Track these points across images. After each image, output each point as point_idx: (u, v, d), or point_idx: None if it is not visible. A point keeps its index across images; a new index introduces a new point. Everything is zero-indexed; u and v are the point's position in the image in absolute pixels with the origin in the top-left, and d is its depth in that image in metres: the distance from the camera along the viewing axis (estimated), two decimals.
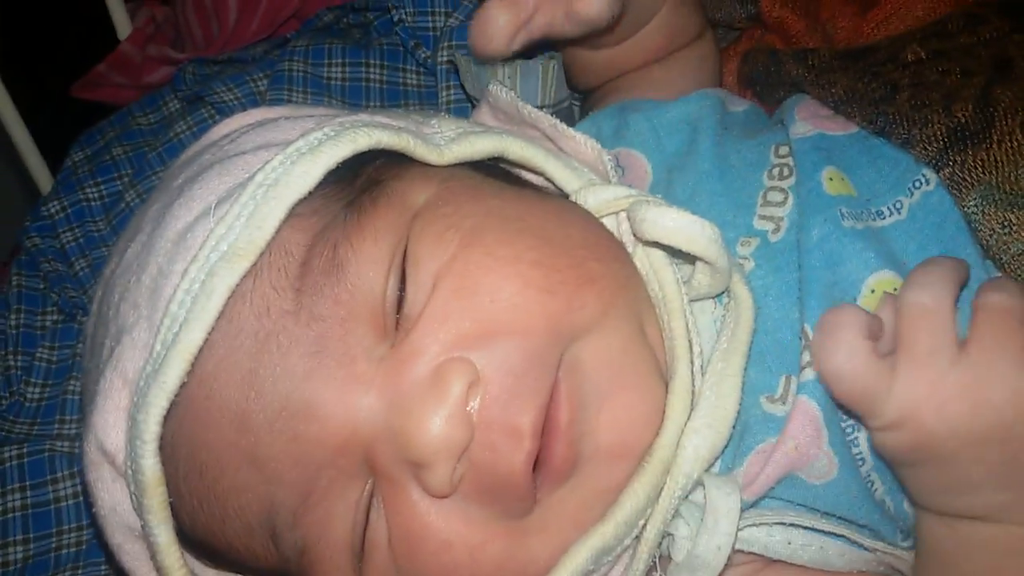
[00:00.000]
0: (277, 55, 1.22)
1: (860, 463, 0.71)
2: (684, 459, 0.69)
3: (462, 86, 0.99)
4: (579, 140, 0.83)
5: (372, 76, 1.18)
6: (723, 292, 0.76)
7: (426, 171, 0.76)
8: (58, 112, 1.45)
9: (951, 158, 0.74)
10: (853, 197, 0.78)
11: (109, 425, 0.69)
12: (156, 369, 0.65)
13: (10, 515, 1.02)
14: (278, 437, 0.66)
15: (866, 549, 0.72)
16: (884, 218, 0.77)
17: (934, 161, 0.75)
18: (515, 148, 0.80)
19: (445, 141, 0.78)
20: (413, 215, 0.71)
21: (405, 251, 0.69)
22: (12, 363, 1.13)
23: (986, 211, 0.72)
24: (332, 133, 0.70)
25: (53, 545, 1.00)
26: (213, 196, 0.71)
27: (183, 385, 0.64)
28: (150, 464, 0.65)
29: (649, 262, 0.76)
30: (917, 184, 0.77)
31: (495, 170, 0.82)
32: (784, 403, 0.73)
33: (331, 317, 0.67)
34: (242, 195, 0.67)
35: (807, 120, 0.85)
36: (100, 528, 0.74)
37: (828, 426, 0.71)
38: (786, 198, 0.80)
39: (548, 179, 0.82)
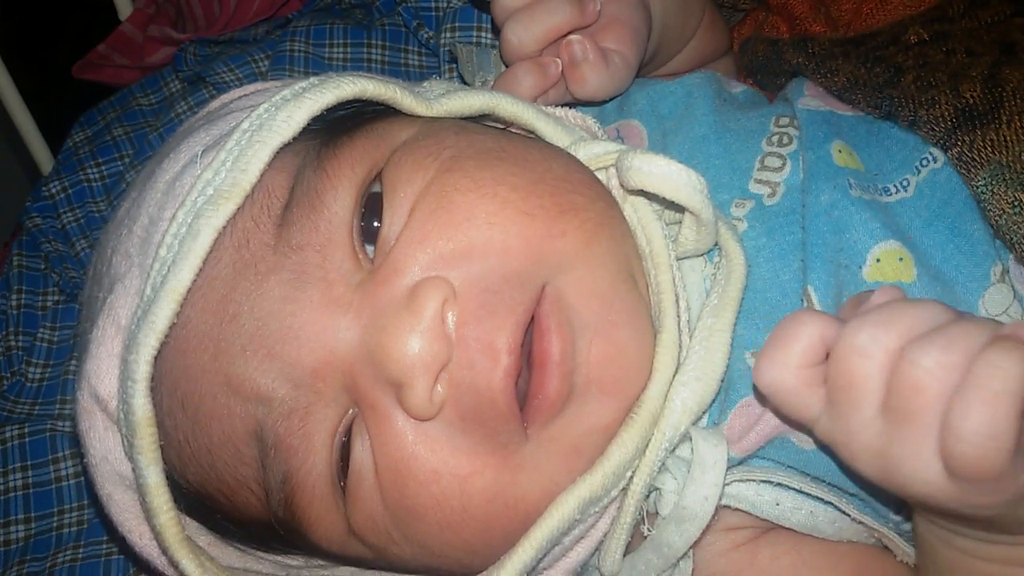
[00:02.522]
0: (279, 35, 1.22)
1: None
2: (672, 411, 0.69)
3: (460, 75, 0.99)
4: (565, 113, 0.85)
5: (374, 56, 1.18)
6: (714, 250, 0.76)
7: (412, 118, 0.77)
8: (59, 93, 1.44)
9: (960, 138, 0.74)
10: (860, 171, 0.78)
11: (102, 371, 0.70)
12: (146, 311, 0.65)
13: (11, 494, 1.02)
14: (252, 356, 0.66)
15: (855, 521, 0.72)
16: (890, 195, 0.77)
17: (942, 141, 0.75)
18: (506, 105, 0.80)
19: (435, 96, 0.78)
20: (392, 149, 0.72)
21: (381, 177, 0.70)
22: (13, 343, 1.13)
23: (996, 191, 0.72)
24: (317, 82, 0.71)
25: (54, 524, 1.01)
26: (200, 147, 0.72)
27: (173, 325, 0.65)
28: (140, 404, 0.64)
29: (637, 217, 0.76)
30: (924, 162, 0.77)
31: (484, 126, 0.83)
32: None
33: (309, 245, 0.68)
34: (228, 142, 0.68)
35: (817, 97, 0.85)
36: (91, 478, 0.74)
37: None
38: (784, 164, 0.80)
39: (539, 137, 0.82)
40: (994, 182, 0.72)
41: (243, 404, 0.67)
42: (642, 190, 0.74)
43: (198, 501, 0.74)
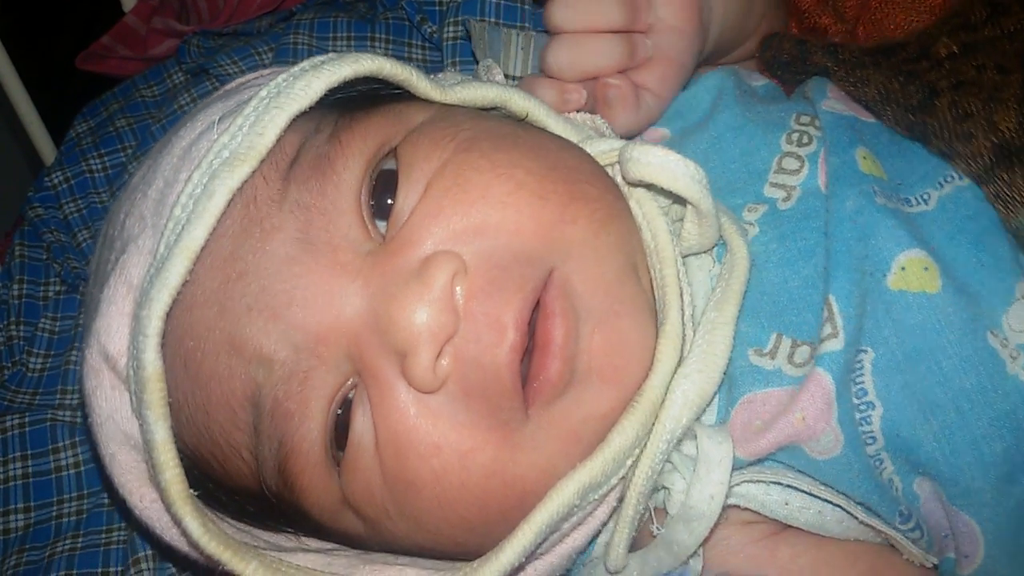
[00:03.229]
0: (282, 28, 1.22)
1: (870, 442, 0.71)
2: (673, 402, 0.69)
3: (473, 54, 0.99)
4: (575, 112, 0.85)
5: (377, 50, 1.18)
6: (723, 251, 0.76)
7: (427, 103, 0.77)
8: (62, 83, 1.44)
9: (997, 175, 0.73)
10: (884, 180, 0.77)
11: (113, 329, 0.70)
12: (159, 268, 0.65)
13: (11, 483, 1.02)
14: (257, 317, 0.67)
15: (861, 523, 0.72)
16: (911, 206, 0.76)
17: (979, 177, 0.74)
18: (517, 100, 0.80)
19: (449, 84, 0.79)
20: (408, 130, 0.73)
21: (397, 154, 0.71)
22: (15, 333, 1.13)
23: None
24: (336, 57, 0.71)
25: (54, 514, 1.01)
26: (218, 114, 0.74)
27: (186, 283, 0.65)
28: (151, 358, 0.65)
29: (642, 212, 0.77)
30: (948, 179, 0.76)
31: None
32: (773, 358, 0.73)
33: (314, 207, 0.68)
34: (246, 108, 0.69)
35: (841, 100, 0.84)
36: (94, 439, 0.74)
37: (839, 402, 0.70)
38: (801, 166, 0.79)
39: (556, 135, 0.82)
40: None
41: (244, 365, 0.68)
42: (645, 186, 0.74)
43: (193, 467, 0.73)
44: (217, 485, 0.75)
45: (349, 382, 0.69)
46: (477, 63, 0.96)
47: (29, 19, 1.59)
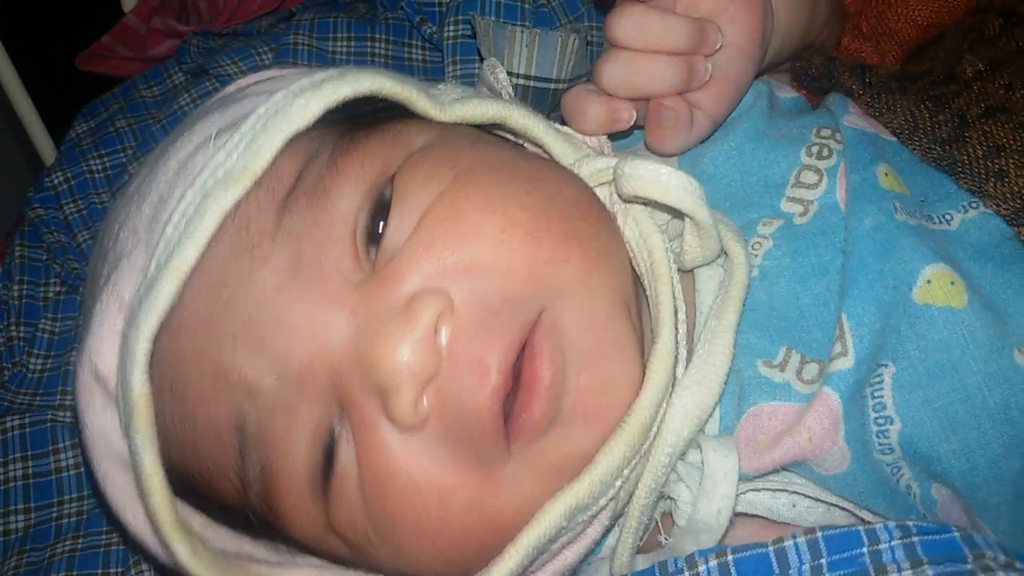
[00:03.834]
0: (282, 29, 1.22)
1: (887, 452, 0.69)
2: (673, 416, 0.69)
3: (474, 53, 0.99)
4: (571, 132, 0.83)
5: (377, 51, 1.18)
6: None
7: (427, 122, 0.76)
8: (62, 84, 1.44)
9: None
10: (907, 196, 0.76)
11: (104, 348, 0.70)
12: (148, 288, 0.65)
13: (11, 484, 1.01)
14: (242, 345, 0.66)
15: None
16: (934, 223, 0.75)
17: (1010, 219, 0.72)
18: (517, 117, 0.79)
19: (449, 101, 0.78)
20: (406, 155, 0.72)
21: (394, 182, 0.70)
22: (15, 334, 1.13)
23: None
24: (336, 74, 0.70)
25: (54, 515, 1.00)
26: (215, 128, 0.72)
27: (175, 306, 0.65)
28: (139, 382, 0.64)
29: (639, 229, 0.76)
30: (974, 204, 0.74)
31: (496, 136, 0.82)
32: (783, 371, 0.72)
33: (307, 237, 0.68)
34: (243, 125, 0.68)
35: (863, 117, 0.82)
36: (88, 456, 0.74)
37: (846, 420, 0.69)
38: (820, 180, 0.78)
39: (547, 152, 0.82)
40: None
41: (230, 392, 0.67)
42: (642, 202, 0.74)
43: (183, 482, 0.73)
44: (209, 501, 0.75)
45: (333, 412, 0.68)
46: (481, 60, 0.96)
47: (29, 19, 1.59)
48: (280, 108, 0.68)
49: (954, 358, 0.68)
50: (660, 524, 0.72)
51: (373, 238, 0.69)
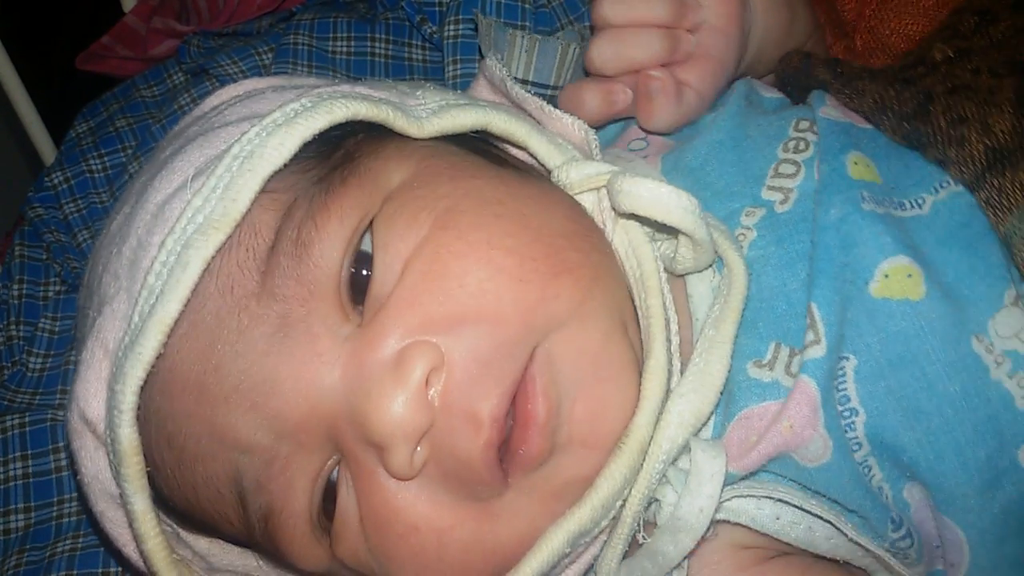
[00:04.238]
0: (282, 28, 1.22)
1: (856, 448, 0.71)
2: (668, 423, 0.69)
3: (474, 52, 0.99)
4: (567, 121, 0.83)
5: (377, 51, 1.18)
6: (721, 261, 0.76)
7: (404, 148, 0.75)
8: (62, 84, 1.44)
9: (989, 181, 0.73)
10: (877, 184, 0.77)
11: (90, 394, 0.70)
12: (133, 340, 0.65)
13: (12, 484, 1.02)
14: (235, 408, 0.67)
15: (851, 540, 0.71)
16: (905, 210, 0.76)
17: (971, 184, 0.74)
18: (498, 122, 0.79)
19: (427, 113, 0.77)
20: (385, 196, 0.71)
21: (373, 231, 0.69)
22: (15, 333, 1.13)
23: None
24: (309, 104, 0.69)
25: (54, 514, 1.01)
26: (192, 168, 0.71)
27: (160, 356, 0.65)
28: (127, 433, 0.65)
29: (628, 239, 0.76)
30: (944, 184, 0.76)
31: (478, 146, 0.82)
32: (772, 369, 0.72)
33: (293, 297, 0.67)
34: (218, 167, 0.67)
35: (837, 108, 0.84)
36: (84, 495, 0.75)
37: (824, 408, 0.70)
38: (798, 171, 0.79)
39: (532, 155, 0.81)
40: (1023, 226, 0.71)
41: (224, 451, 0.68)
42: (634, 214, 0.73)
43: (189, 521, 0.76)
44: (211, 533, 0.77)
45: (331, 460, 0.69)
46: (481, 57, 0.96)
47: (29, 19, 1.59)
48: (255, 148, 0.67)
49: (913, 349, 0.70)
50: (642, 526, 0.72)
51: (358, 287, 0.69)
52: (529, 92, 0.85)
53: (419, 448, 0.65)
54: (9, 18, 1.54)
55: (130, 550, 0.73)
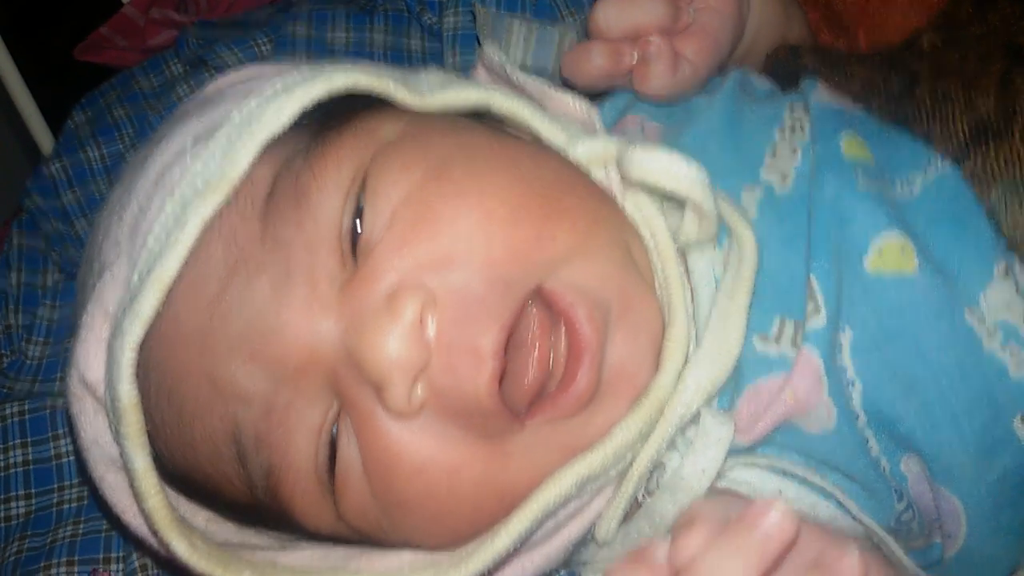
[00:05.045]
0: (281, 19, 1.22)
1: (855, 419, 0.72)
2: (684, 390, 0.70)
3: (474, 42, 0.99)
4: (568, 101, 0.84)
5: (376, 40, 1.18)
6: (723, 236, 0.77)
7: (400, 112, 0.76)
8: (61, 74, 1.44)
9: (972, 154, 0.74)
10: (870, 164, 0.78)
11: (90, 356, 0.70)
12: (132, 299, 0.66)
13: (12, 471, 1.02)
14: (237, 356, 0.67)
15: (853, 518, 0.72)
16: (896, 189, 0.77)
17: (956, 157, 0.75)
18: (500, 101, 0.80)
19: (429, 89, 0.78)
20: (379, 146, 0.72)
21: (365, 179, 0.70)
22: (13, 321, 1.13)
23: (1009, 205, 0.72)
24: (309, 75, 0.71)
25: (55, 500, 1.01)
26: (191, 136, 0.72)
27: (161, 313, 0.66)
28: (126, 390, 0.65)
29: (640, 212, 0.77)
30: (932, 163, 0.77)
31: (479, 123, 0.82)
32: (778, 343, 0.73)
33: (295, 242, 0.68)
34: (218, 133, 0.69)
35: (829, 94, 0.85)
36: (83, 461, 0.75)
37: (828, 375, 0.71)
38: (795, 153, 0.80)
39: (535, 136, 0.81)
40: (1007, 198, 0.72)
41: (224, 404, 0.68)
42: (643, 185, 0.74)
43: (188, 483, 0.75)
44: (215, 499, 0.76)
45: (333, 410, 0.69)
46: (480, 47, 0.96)
47: (27, 10, 1.58)
48: (254, 115, 0.68)
49: (907, 321, 0.71)
50: (644, 491, 0.73)
51: (347, 237, 0.69)
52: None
53: (418, 386, 0.66)
54: (7, 8, 1.54)
55: (130, 516, 0.73)
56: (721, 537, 0.56)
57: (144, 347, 0.66)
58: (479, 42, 1.01)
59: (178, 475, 0.74)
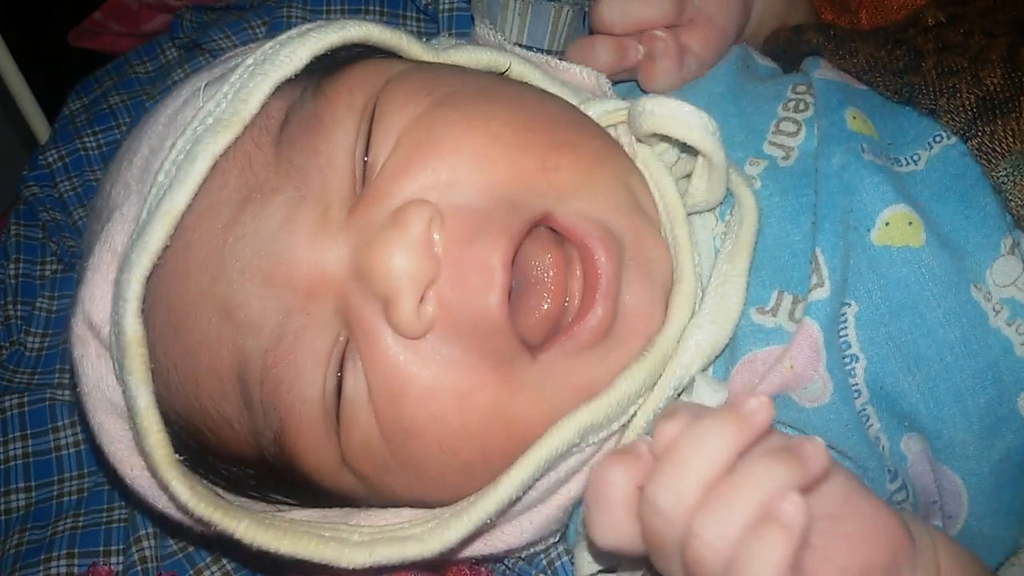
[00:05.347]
0: (275, 2, 1.20)
1: (856, 395, 0.71)
2: (685, 351, 0.70)
3: (469, 21, 0.98)
4: (575, 71, 0.84)
5: (371, 22, 1.16)
6: (725, 209, 0.77)
7: (413, 61, 0.77)
8: (55, 61, 1.43)
9: (980, 128, 0.73)
10: (874, 139, 0.77)
11: (97, 297, 0.70)
12: (140, 232, 0.66)
13: (12, 463, 1.02)
14: (249, 280, 0.67)
15: None
16: (901, 166, 0.76)
17: (962, 131, 0.74)
18: (515, 64, 0.80)
19: (443, 48, 0.79)
20: (390, 76, 0.72)
21: (375, 106, 0.70)
22: (12, 312, 1.13)
23: (1017, 180, 0.71)
24: (324, 24, 0.72)
25: (55, 493, 1.01)
26: (203, 82, 0.73)
27: (167, 248, 0.65)
28: (131, 323, 0.65)
29: (648, 172, 0.77)
30: (937, 138, 0.76)
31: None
32: (775, 316, 0.73)
33: (309, 166, 0.68)
34: (231, 76, 0.69)
35: (832, 69, 0.85)
36: (83, 408, 0.74)
37: (827, 349, 0.71)
38: (799, 129, 0.79)
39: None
40: (1015, 172, 0.71)
41: (233, 332, 0.68)
42: (650, 142, 0.75)
43: (187, 436, 0.73)
44: (212, 455, 0.75)
45: (341, 339, 0.68)
46: (475, 26, 0.95)
47: None
48: (268, 56, 0.69)
49: (914, 295, 0.71)
50: None
51: (361, 161, 0.70)
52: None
53: (427, 302, 0.65)
54: None
55: (126, 467, 0.73)
56: (699, 420, 0.57)
57: (152, 281, 0.66)
58: (474, 21, 1.00)
59: (179, 424, 0.73)
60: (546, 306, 0.69)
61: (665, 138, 0.74)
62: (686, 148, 0.75)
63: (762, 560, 0.52)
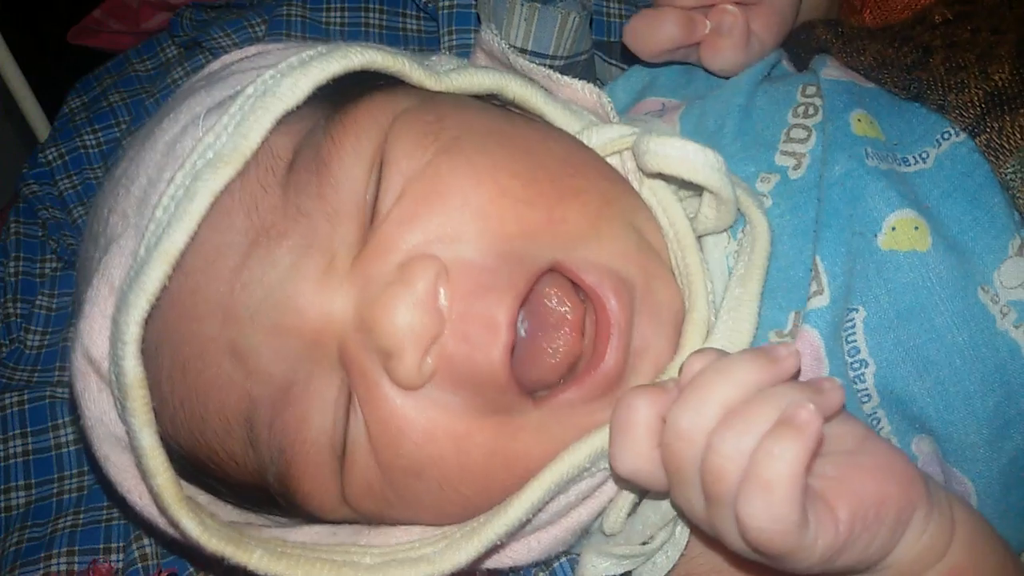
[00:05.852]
0: (275, 0, 1.20)
1: (865, 400, 0.71)
2: None
3: (469, 22, 0.98)
4: (576, 87, 0.83)
5: (371, 21, 1.16)
6: (737, 227, 0.76)
7: (415, 90, 0.76)
8: (55, 59, 1.43)
9: (988, 124, 0.74)
10: (880, 140, 0.77)
11: (95, 332, 0.70)
12: (138, 272, 0.64)
13: (11, 461, 1.02)
14: (259, 328, 0.67)
15: None
16: (909, 165, 0.76)
17: (971, 127, 0.74)
18: (514, 87, 0.79)
19: (444, 71, 0.77)
20: (396, 117, 0.71)
21: (383, 151, 0.69)
22: (12, 310, 1.13)
23: None
24: (325, 51, 0.70)
25: (55, 491, 1.01)
26: (202, 108, 0.72)
27: (167, 288, 0.64)
28: (131, 365, 0.64)
29: (656, 200, 0.76)
30: (946, 136, 0.76)
31: (491, 105, 0.82)
32: (793, 339, 0.73)
33: (317, 212, 0.68)
34: (231, 106, 0.67)
35: (839, 68, 0.84)
36: (88, 440, 0.74)
37: (830, 357, 0.71)
38: (809, 135, 0.79)
39: (548, 123, 0.81)
40: (1023, 169, 0.71)
41: (244, 378, 0.68)
42: (660, 174, 0.74)
43: (191, 465, 0.74)
44: (216, 482, 0.75)
45: (344, 384, 0.69)
46: (478, 28, 0.95)
47: None
48: (269, 88, 0.67)
49: (921, 299, 0.71)
50: None
51: (370, 208, 0.69)
52: (529, 61, 0.84)
53: (428, 359, 0.65)
54: None
55: (135, 496, 0.72)
56: (727, 357, 0.60)
57: (156, 320, 0.65)
58: (478, 20, 1.00)
59: (181, 454, 0.73)
60: (561, 349, 0.69)
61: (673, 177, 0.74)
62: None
63: (778, 460, 0.53)
